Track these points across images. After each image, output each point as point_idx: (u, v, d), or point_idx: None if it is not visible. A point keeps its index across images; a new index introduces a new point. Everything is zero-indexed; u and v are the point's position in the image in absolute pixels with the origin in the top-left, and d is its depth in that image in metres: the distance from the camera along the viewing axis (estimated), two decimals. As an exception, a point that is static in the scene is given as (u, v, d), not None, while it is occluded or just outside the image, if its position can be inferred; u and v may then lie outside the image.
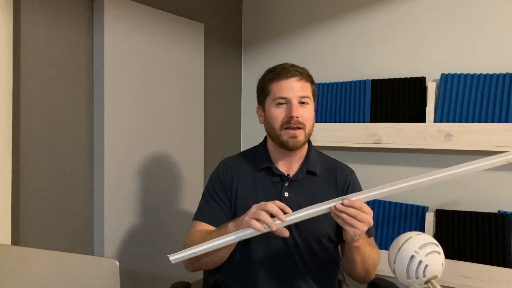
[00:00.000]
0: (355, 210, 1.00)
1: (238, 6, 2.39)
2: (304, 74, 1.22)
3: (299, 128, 1.19)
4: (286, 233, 1.01)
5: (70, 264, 0.79)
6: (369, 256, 1.16)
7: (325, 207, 1.02)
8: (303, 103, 1.20)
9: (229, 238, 1.02)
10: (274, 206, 1.00)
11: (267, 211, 1.00)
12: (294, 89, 1.19)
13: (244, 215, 1.04)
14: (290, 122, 1.18)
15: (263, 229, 0.99)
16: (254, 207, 1.03)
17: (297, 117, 1.18)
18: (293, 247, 1.22)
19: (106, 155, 1.59)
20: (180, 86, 1.92)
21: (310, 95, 1.23)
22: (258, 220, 1.00)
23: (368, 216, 1.02)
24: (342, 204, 1.00)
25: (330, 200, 1.03)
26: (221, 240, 1.03)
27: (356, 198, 1.01)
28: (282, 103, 1.20)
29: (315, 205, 1.03)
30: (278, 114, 1.20)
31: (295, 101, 1.18)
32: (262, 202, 1.03)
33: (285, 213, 1.01)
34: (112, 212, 1.62)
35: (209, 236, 1.10)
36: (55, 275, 0.78)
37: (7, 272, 0.81)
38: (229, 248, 1.14)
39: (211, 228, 1.23)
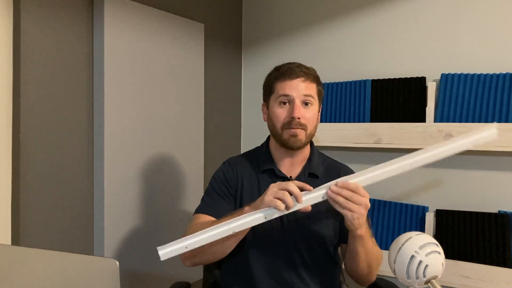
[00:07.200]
0: (350, 192, 1.01)
1: (238, 6, 2.39)
2: (310, 75, 1.21)
3: (300, 128, 1.19)
4: (309, 208, 1.02)
5: (70, 264, 0.79)
6: (373, 249, 1.15)
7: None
8: (307, 103, 1.20)
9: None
10: (295, 186, 1.00)
11: (288, 191, 0.99)
12: (298, 89, 1.18)
13: (262, 196, 1.02)
14: (291, 123, 1.18)
15: (283, 208, 0.98)
16: (275, 186, 1.01)
17: (298, 118, 1.17)
18: (294, 247, 1.21)
19: (106, 155, 1.59)
20: (180, 86, 1.92)
21: (315, 95, 1.22)
22: (280, 199, 0.98)
23: (364, 198, 1.02)
24: (336, 185, 1.01)
25: (328, 183, 1.03)
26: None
27: (351, 180, 1.02)
28: (285, 102, 1.19)
29: (317, 188, 1.03)
30: (280, 113, 1.20)
31: (298, 101, 1.18)
32: (282, 182, 1.02)
33: (303, 190, 1.02)
34: (112, 212, 1.62)
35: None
36: (55, 275, 0.78)
37: (7, 272, 0.81)
38: (240, 235, 1.08)
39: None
